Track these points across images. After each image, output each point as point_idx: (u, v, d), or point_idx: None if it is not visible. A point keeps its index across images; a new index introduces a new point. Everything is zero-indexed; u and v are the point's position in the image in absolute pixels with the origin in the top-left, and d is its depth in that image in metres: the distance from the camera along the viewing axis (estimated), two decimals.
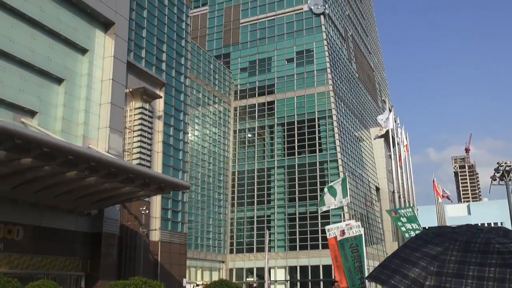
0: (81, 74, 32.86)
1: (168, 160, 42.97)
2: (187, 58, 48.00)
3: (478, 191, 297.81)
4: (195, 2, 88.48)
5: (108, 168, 24.41)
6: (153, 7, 43.49)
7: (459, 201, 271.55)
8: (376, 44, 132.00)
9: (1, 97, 27.34)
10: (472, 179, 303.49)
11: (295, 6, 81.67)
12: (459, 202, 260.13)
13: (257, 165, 77.14)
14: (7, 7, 27.96)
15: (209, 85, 74.72)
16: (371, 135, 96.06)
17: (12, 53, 27.97)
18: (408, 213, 25.91)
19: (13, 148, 20.63)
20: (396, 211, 26.68)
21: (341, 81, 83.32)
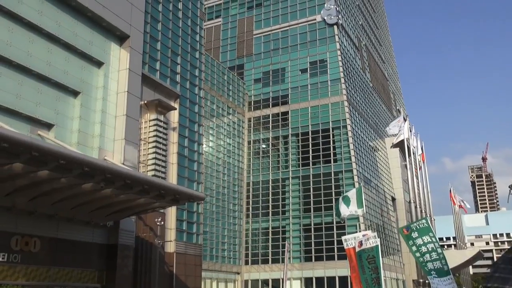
0: (97, 87, 33.15)
1: (183, 171, 43.04)
2: (201, 70, 48.24)
3: (496, 200, 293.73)
4: (209, 14, 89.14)
5: (124, 180, 24.49)
6: (167, 20, 43.86)
7: (476, 211, 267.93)
8: (390, 54, 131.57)
9: (19, 110, 27.67)
10: (490, 189, 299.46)
11: (308, 17, 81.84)
12: (476, 212, 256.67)
13: (271, 176, 76.98)
14: (24, 22, 28.39)
15: (223, 96, 74.99)
16: (386, 145, 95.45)
17: (30, 67, 28.35)
18: (420, 225, 25.36)
19: (30, 161, 20.82)
20: (408, 227, 26.13)
21: (355, 91, 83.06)
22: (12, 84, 27.53)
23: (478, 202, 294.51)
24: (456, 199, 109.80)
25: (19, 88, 27.86)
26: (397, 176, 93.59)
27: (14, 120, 27.54)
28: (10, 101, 27.19)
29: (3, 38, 27.08)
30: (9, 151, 19.88)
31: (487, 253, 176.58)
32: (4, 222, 24.94)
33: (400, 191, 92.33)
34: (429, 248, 24.29)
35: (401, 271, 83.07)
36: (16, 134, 19.99)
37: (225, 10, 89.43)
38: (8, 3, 27.30)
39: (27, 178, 22.68)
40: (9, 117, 27.26)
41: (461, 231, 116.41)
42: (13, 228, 25.44)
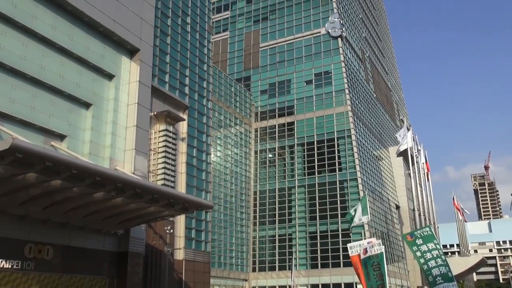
0: (108, 99, 33.31)
1: (191, 180, 43.04)
2: (209, 82, 48.38)
3: (499, 208, 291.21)
4: (217, 28, 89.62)
5: (134, 189, 24.51)
6: (176, 34, 44.11)
7: (479, 218, 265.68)
8: (393, 65, 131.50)
9: (33, 122, 27.82)
10: (492, 196, 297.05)
11: (313, 30, 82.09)
12: (479, 219, 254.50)
13: (278, 185, 76.84)
14: (38, 36, 28.64)
15: (230, 107, 75.12)
16: (390, 154, 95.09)
17: (43, 79, 28.54)
18: (424, 233, 25.15)
19: (43, 171, 20.89)
20: (412, 234, 25.87)
21: (359, 102, 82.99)
22: (27, 96, 27.72)
23: (481, 209, 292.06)
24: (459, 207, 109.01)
25: (33, 100, 28.05)
26: (401, 184, 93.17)
27: (28, 131, 27.70)
28: (24, 113, 27.36)
29: (18, 53, 27.32)
30: (23, 162, 19.97)
31: (490, 260, 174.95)
32: (18, 231, 24.99)
33: (404, 199, 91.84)
34: (434, 254, 24.12)
35: (405, 277, 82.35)
36: (30, 145, 20.09)
37: (232, 24, 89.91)
38: (23, 19, 27.56)
39: (41, 188, 22.75)
40: (23, 129, 27.42)
41: (464, 238, 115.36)
42: (27, 236, 25.49)
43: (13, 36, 27.23)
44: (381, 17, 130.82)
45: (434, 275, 23.66)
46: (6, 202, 23.69)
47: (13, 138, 18.85)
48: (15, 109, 26.89)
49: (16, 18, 27.17)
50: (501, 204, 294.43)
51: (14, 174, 21.05)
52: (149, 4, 37.77)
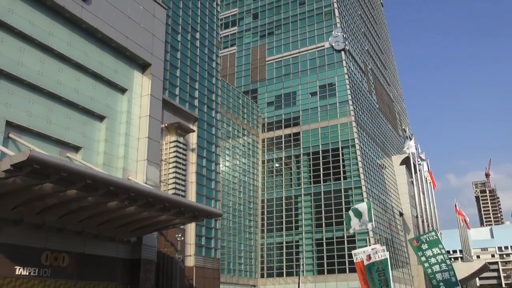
0: (121, 112, 33.48)
1: (201, 189, 43.05)
2: (217, 95, 48.55)
3: (500, 215, 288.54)
4: (225, 43, 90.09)
5: (146, 198, 24.54)
6: (186, 49, 44.41)
7: (481, 225, 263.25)
8: (395, 77, 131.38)
9: (49, 134, 28.00)
10: (494, 203, 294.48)
11: (317, 44, 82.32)
12: (481, 226, 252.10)
13: (285, 193, 76.65)
14: (54, 53, 28.91)
15: (238, 119, 75.26)
16: (393, 162, 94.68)
17: (59, 94, 28.76)
18: (430, 238, 24.95)
19: (59, 181, 20.98)
20: (418, 238, 25.65)
21: (362, 112, 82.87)
22: (43, 110, 27.94)
23: (483, 216, 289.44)
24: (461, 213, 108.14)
25: (49, 113, 28.26)
26: (404, 192, 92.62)
27: (45, 143, 27.87)
28: (41, 126, 27.56)
29: (36, 68, 27.59)
30: (40, 172, 20.08)
31: (492, 265, 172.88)
32: (35, 239, 25.07)
33: (407, 206, 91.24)
34: (438, 259, 23.92)
35: (410, 283, 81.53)
36: (47, 156, 20.21)
37: (240, 39, 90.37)
38: (40, 36, 27.88)
39: (57, 197, 22.84)
40: (40, 141, 27.60)
41: (467, 244, 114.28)
42: (43, 244, 25.55)
43: (31, 53, 27.54)
44: (383, 30, 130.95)
45: (438, 280, 23.44)
46: (24, 211, 23.80)
47: (31, 150, 18.98)
48: (33, 122, 27.11)
49: (33, 35, 27.48)
50: (502, 211, 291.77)
51: (31, 185, 21.17)
52: (160, 21, 38.08)
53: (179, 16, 44.54)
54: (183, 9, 45.60)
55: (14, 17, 26.53)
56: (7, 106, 25.87)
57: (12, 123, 25.98)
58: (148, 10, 36.74)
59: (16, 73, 26.39)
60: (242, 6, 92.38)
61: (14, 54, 26.51)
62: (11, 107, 26.08)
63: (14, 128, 26.23)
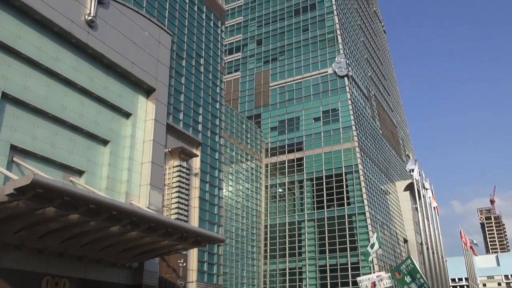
0: (125, 136, 33.63)
1: (204, 214, 42.84)
2: (221, 119, 48.77)
3: (506, 242, 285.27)
4: (229, 68, 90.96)
5: (149, 223, 24.43)
6: (190, 74, 44.83)
7: (487, 252, 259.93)
8: (398, 102, 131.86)
9: (53, 158, 28.10)
10: (499, 230, 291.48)
11: (321, 70, 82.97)
12: (487, 253, 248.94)
13: (288, 219, 76.15)
14: (60, 78, 29.25)
15: (241, 143, 75.37)
16: (397, 188, 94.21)
17: (64, 118, 28.98)
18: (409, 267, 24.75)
19: (62, 205, 20.95)
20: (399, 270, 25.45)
21: (366, 138, 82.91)
22: (48, 134, 28.10)
23: (489, 243, 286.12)
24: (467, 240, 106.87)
25: (54, 137, 28.41)
26: (408, 218, 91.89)
27: (49, 167, 27.94)
28: (45, 150, 27.68)
29: (41, 93, 27.87)
30: (43, 196, 20.07)
31: None
32: (36, 264, 24.88)
33: (411, 233, 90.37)
34: None
35: None
36: (50, 180, 20.23)
37: (243, 64, 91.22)
38: (46, 61, 28.25)
39: (59, 222, 22.77)
40: (44, 165, 27.69)
41: (472, 272, 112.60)
42: (44, 269, 25.34)
43: (37, 77, 27.86)
44: (385, 57, 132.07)
45: None
46: (26, 235, 23.70)
47: (34, 174, 19.01)
48: (37, 146, 27.23)
49: (40, 60, 27.85)
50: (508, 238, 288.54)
51: (34, 209, 21.13)
52: (165, 47, 38.58)
53: (184, 42, 45.12)
54: (188, 35, 46.22)
55: (21, 42, 26.95)
56: (12, 130, 26.04)
57: (16, 147, 26.11)
58: (154, 36, 37.27)
59: (22, 97, 26.65)
60: (246, 32, 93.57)
61: (20, 78, 26.83)
62: (16, 131, 26.26)
63: (18, 152, 26.34)
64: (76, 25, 29.76)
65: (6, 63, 26.21)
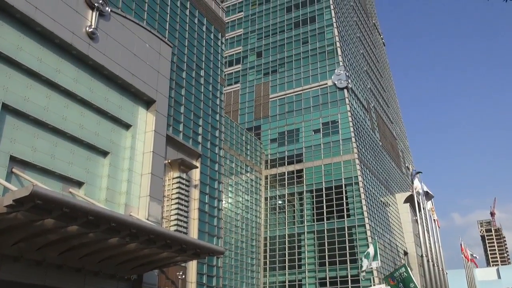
0: (125, 147, 33.62)
1: (203, 226, 42.67)
2: (221, 131, 48.80)
3: (507, 254, 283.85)
4: (229, 80, 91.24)
5: (148, 235, 24.32)
6: (190, 86, 44.95)
7: (488, 264, 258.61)
8: (398, 114, 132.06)
9: (53, 170, 28.06)
10: (500, 243, 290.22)
11: (320, 82, 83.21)
12: (488, 266, 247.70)
13: (287, 231, 75.83)
14: (61, 89, 29.32)
15: (241, 155, 75.33)
16: (397, 200, 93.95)
17: (64, 129, 28.99)
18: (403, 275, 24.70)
19: (61, 217, 20.88)
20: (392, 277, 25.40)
21: (365, 150, 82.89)
22: (48, 145, 28.09)
23: (489, 256, 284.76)
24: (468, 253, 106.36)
25: (54, 149, 28.39)
26: (408, 230, 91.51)
27: (48, 178, 27.89)
28: (45, 161, 27.65)
29: (42, 104, 27.91)
30: (42, 208, 20.01)
31: None
32: (34, 275, 24.71)
33: (412, 245, 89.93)
34: None
35: None
36: (50, 191, 20.17)
37: (243, 76, 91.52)
38: (47, 73, 28.33)
39: (58, 233, 22.66)
40: (43, 176, 27.65)
41: (473, 285, 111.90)
42: (43, 281, 25.17)
43: (37, 88, 27.92)
44: (385, 69, 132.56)
45: None
46: (24, 247, 23.57)
47: (34, 185, 18.96)
48: (37, 157, 27.21)
49: (41, 72, 27.94)
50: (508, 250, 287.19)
51: (33, 220, 21.04)
52: (165, 59, 38.73)
53: (184, 54, 45.30)
54: (189, 47, 46.43)
55: (22, 54, 27.06)
56: (12, 141, 26.03)
57: (16, 158, 26.09)
58: (154, 48, 37.43)
59: (22, 108, 26.69)
60: (246, 44, 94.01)
61: (21, 90, 26.88)
62: (16, 142, 26.25)
63: (17, 163, 26.31)
64: (77, 37, 29.90)
65: (7, 74, 26.29)
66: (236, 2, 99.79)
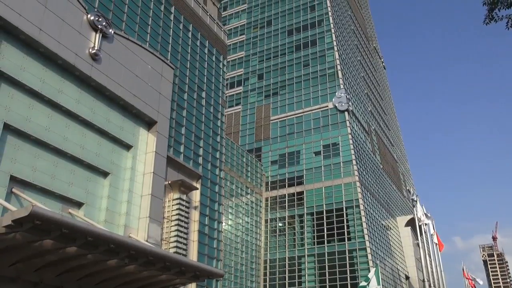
0: (125, 168, 33.58)
1: (203, 248, 42.32)
2: (222, 153, 48.80)
3: (509, 279, 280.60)
4: (230, 102, 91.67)
5: (147, 257, 24.11)
6: (191, 107, 45.13)
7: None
8: (398, 137, 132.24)
9: (53, 190, 27.98)
10: (502, 267, 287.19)
11: (321, 104, 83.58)
12: None
13: (288, 254, 75.18)
14: (62, 109, 29.44)
15: (242, 177, 75.18)
16: (398, 224, 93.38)
17: (65, 150, 29.00)
18: None
19: (60, 237, 20.72)
20: None
21: (366, 172, 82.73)
22: (48, 165, 28.07)
23: (492, 281, 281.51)
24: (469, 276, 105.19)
25: (54, 169, 28.37)
26: (410, 254, 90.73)
27: (48, 198, 27.79)
28: (45, 181, 27.59)
29: (43, 124, 27.99)
30: (41, 228, 19.88)
31: None
32: None
33: (413, 269, 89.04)
34: None
35: None
36: (49, 212, 20.06)
37: (245, 98, 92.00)
38: (49, 93, 28.49)
39: (56, 254, 22.47)
40: (43, 196, 27.55)
41: None
42: None
43: (39, 109, 28.04)
44: (385, 92, 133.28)
45: None
46: (21, 268, 23.33)
47: (33, 205, 18.87)
48: (37, 177, 27.16)
49: (43, 92, 28.10)
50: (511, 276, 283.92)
51: (31, 241, 20.88)
52: (167, 80, 38.99)
53: (186, 76, 45.61)
54: (191, 69, 46.77)
55: (25, 74, 27.25)
56: (12, 161, 26.02)
57: (16, 177, 26.04)
58: (156, 70, 37.72)
59: (24, 128, 26.75)
60: (248, 67, 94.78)
61: (22, 110, 26.99)
62: (17, 162, 26.23)
63: (17, 183, 26.25)
64: (80, 58, 30.17)
65: (10, 94, 26.43)
66: (238, 25, 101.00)
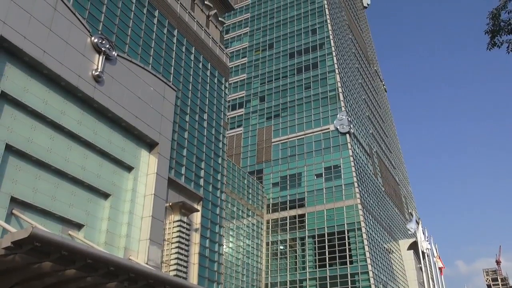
0: (126, 190, 33.50)
1: (203, 271, 41.89)
2: (223, 175, 48.70)
3: None
4: (231, 124, 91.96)
5: (147, 279, 23.85)
6: (193, 129, 45.25)
7: None
8: (400, 160, 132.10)
9: (53, 211, 27.86)
10: None
11: (322, 126, 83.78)
12: None
13: (289, 277, 74.35)
14: (64, 131, 29.53)
15: (243, 199, 74.89)
16: (400, 247, 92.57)
17: (66, 171, 28.99)
18: None
19: (59, 260, 20.55)
20: None
21: (368, 195, 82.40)
22: (49, 187, 28.02)
23: None
24: None
25: (55, 190, 28.31)
26: (412, 278, 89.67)
27: (48, 220, 27.66)
28: (45, 203, 27.50)
29: (45, 145, 28.04)
30: (41, 250, 19.74)
31: None
32: None
33: None
34: None
35: None
36: (49, 234, 19.94)
37: (246, 120, 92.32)
38: (52, 115, 28.62)
39: (55, 277, 22.25)
40: (43, 218, 27.43)
41: None
42: None
43: (41, 130, 28.14)
44: (387, 114, 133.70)
45: None
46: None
47: (33, 227, 18.77)
48: (37, 198, 27.09)
49: (46, 114, 28.22)
50: None
51: (31, 263, 20.71)
52: (169, 102, 39.19)
53: (188, 98, 45.86)
54: (193, 91, 47.04)
55: (28, 96, 27.42)
56: (13, 182, 25.99)
57: (16, 199, 25.97)
58: (158, 92, 37.95)
59: (25, 149, 26.80)
60: (250, 89, 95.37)
61: (25, 131, 27.08)
62: (18, 183, 26.20)
63: (18, 204, 26.16)
64: (83, 79, 30.40)
65: (12, 116, 26.56)
66: (240, 48, 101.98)
